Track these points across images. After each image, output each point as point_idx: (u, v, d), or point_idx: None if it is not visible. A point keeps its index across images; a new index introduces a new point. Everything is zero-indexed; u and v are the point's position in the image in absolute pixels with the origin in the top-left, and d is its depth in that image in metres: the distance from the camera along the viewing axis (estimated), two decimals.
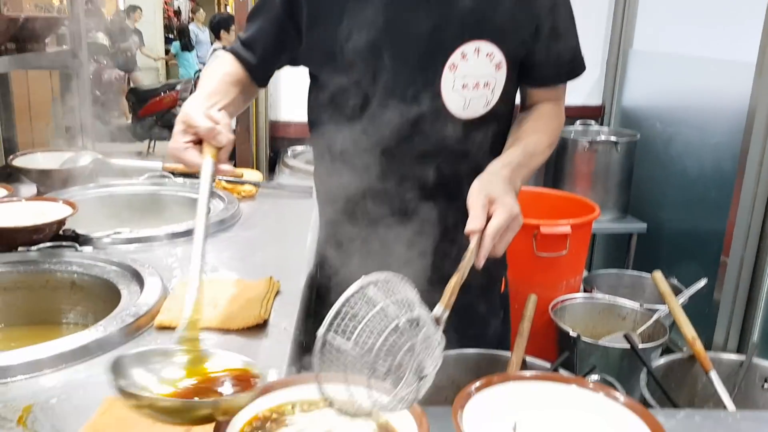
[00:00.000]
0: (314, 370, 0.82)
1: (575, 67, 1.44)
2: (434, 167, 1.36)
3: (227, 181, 2.24)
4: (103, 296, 1.48)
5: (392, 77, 1.30)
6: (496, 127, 1.37)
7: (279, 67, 1.52)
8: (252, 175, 2.43)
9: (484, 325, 1.49)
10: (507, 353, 1.40)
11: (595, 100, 3.91)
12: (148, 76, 11.97)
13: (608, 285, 3.07)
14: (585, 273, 3.07)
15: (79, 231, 1.68)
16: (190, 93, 7.72)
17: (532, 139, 1.34)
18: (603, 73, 3.87)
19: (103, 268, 1.52)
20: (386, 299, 0.81)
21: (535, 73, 1.39)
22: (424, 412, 0.86)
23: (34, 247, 1.55)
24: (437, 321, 0.94)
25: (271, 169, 3.13)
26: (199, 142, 1.17)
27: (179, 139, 1.17)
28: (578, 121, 3.72)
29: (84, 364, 1.16)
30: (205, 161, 1.14)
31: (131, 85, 10.27)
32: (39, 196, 1.95)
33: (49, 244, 1.58)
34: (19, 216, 1.67)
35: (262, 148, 3.13)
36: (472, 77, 1.29)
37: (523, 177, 1.29)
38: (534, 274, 2.54)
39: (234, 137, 1.19)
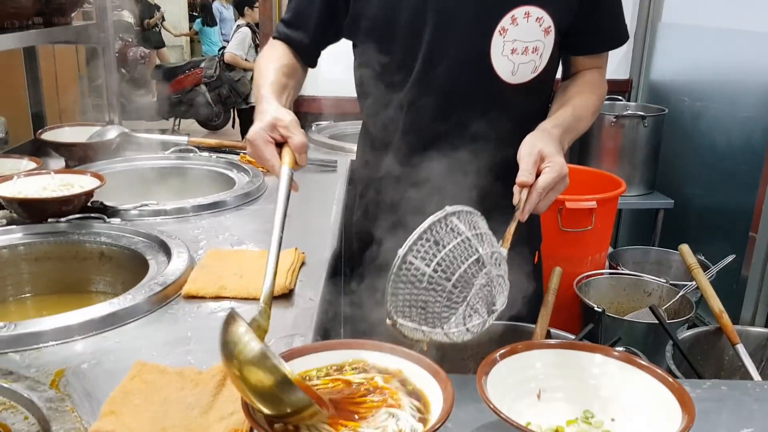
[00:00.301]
0: (386, 289, 0.83)
1: (619, 35, 1.44)
2: (481, 133, 1.34)
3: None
4: (130, 266, 1.50)
5: (442, 41, 1.30)
6: (541, 95, 1.38)
7: (329, 43, 1.51)
8: None
9: (519, 294, 1.49)
10: (531, 325, 1.40)
11: (622, 74, 3.85)
12: (173, 54, 11.99)
13: (633, 261, 3.05)
14: (610, 249, 3.05)
15: (107, 203, 1.70)
16: (215, 71, 7.71)
17: (579, 103, 1.34)
18: (631, 46, 3.80)
19: (131, 239, 1.54)
20: (468, 231, 0.82)
21: (580, 40, 1.40)
22: (449, 378, 0.86)
23: (63, 219, 1.58)
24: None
25: None
26: (279, 144, 1.17)
27: (266, 130, 1.16)
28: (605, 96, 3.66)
29: (113, 332, 1.18)
30: (284, 169, 1.14)
31: (157, 62, 10.31)
32: (67, 169, 1.97)
33: (77, 215, 1.60)
34: (48, 188, 1.70)
35: None
36: (521, 42, 1.28)
37: (570, 140, 1.30)
38: (559, 250, 2.53)
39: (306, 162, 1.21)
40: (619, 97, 3.72)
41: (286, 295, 1.32)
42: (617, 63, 3.85)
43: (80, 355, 1.09)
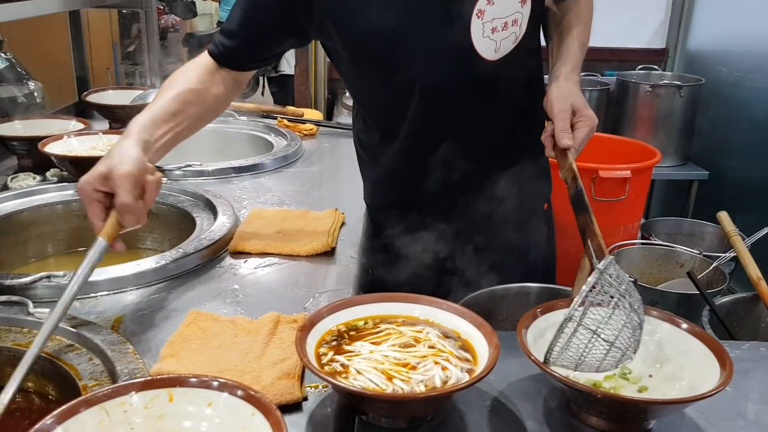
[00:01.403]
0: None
1: None
2: (472, 111, 1.33)
3: (289, 120, 2.28)
4: (177, 224, 1.55)
5: (418, 36, 1.24)
6: (527, 55, 1.33)
7: (277, 51, 1.38)
8: (312, 114, 2.46)
9: (531, 236, 1.50)
10: (567, 288, 1.42)
11: (658, 44, 3.79)
12: (202, 22, 11.99)
13: (666, 232, 3.03)
14: (643, 220, 3.04)
15: None
16: None
17: (581, 30, 1.32)
18: (668, 15, 3.74)
19: (177, 198, 1.59)
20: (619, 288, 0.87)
21: None
22: (494, 331, 0.90)
23: None
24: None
25: (329, 110, 3.16)
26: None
27: (95, 183, 1.04)
28: (640, 66, 3.62)
29: (164, 284, 1.23)
30: (96, 242, 1.02)
31: (188, 30, 10.33)
32: (112, 130, 2.03)
33: None
34: (96, 147, 1.75)
35: (320, 90, 3.16)
36: (499, 19, 1.22)
37: (580, 72, 1.30)
38: None
39: (146, 220, 1.10)
40: (655, 67, 3.67)
41: (328, 253, 1.36)
42: (653, 32, 3.79)
43: (136, 304, 1.15)
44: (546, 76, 1.37)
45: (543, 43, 1.42)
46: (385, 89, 1.32)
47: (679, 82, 3.23)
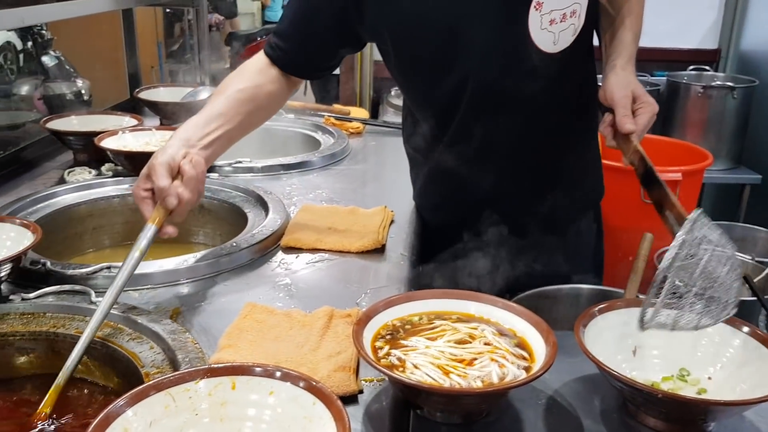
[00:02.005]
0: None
1: None
2: (526, 107, 1.32)
3: (336, 118, 2.30)
4: (229, 219, 1.58)
5: (475, 30, 1.23)
6: (583, 50, 1.33)
7: (336, 57, 1.41)
8: (359, 112, 2.48)
9: (582, 236, 1.51)
10: (620, 290, 1.40)
11: (710, 44, 3.71)
12: (244, 21, 12.15)
13: None
14: None
15: None
16: None
17: (632, 20, 1.31)
18: (720, 15, 3.65)
19: (229, 193, 1.62)
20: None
21: None
22: (550, 329, 0.89)
23: None
24: None
25: (374, 108, 3.17)
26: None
27: (141, 184, 1.13)
28: (691, 66, 3.55)
29: (220, 276, 1.25)
30: (146, 227, 1.10)
31: (230, 29, 10.48)
32: (165, 126, 2.07)
33: None
34: (150, 143, 1.79)
35: (365, 89, 3.17)
36: (558, 11, 1.21)
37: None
38: (640, 221, 2.47)
39: (192, 197, 1.14)
40: (707, 68, 3.59)
41: (379, 250, 1.37)
42: (706, 32, 3.71)
43: (193, 296, 1.17)
44: (599, 75, 1.36)
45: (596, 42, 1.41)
46: (437, 86, 1.32)
47: (731, 83, 3.16)
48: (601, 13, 1.38)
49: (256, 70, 1.34)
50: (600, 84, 1.29)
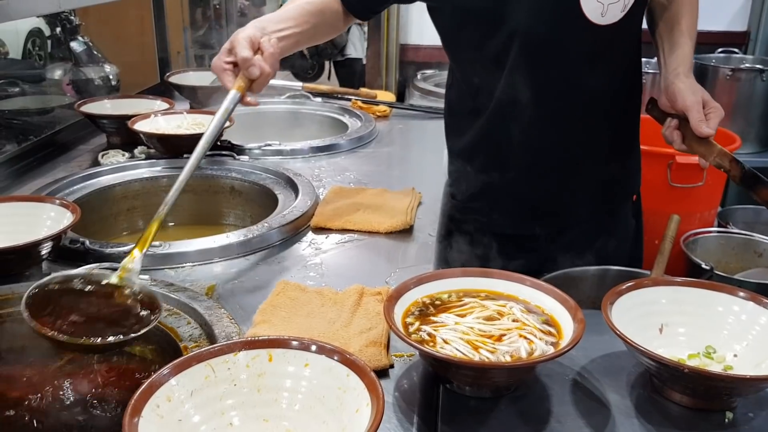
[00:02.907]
0: None
1: None
2: (569, 79, 1.33)
3: (363, 102, 2.32)
4: (259, 200, 1.61)
5: None
6: (631, 31, 1.34)
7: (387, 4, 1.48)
8: (385, 96, 2.49)
9: (618, 226, 1.51)
10: (646, 272, 1.41)
11: (739, 26, 3.65)
12: (270, 7, 12.20)
13: (744, 221, 2.94)
14: (719, 208, 2.96)
15: (233, 142, 1.81)
16: None
17: (689, 25, 1.33)
18: None
19: (259, 176, 1.65)
20: None
21: None
22: (578, 306, 0.91)
23: None
24: None
25: (400, 92, 3.18)
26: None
27: (222, 57, 1.20)
28: (719, 49, 3.50)
29: (252, 255, 1.29)
30: (230, 93, 1.17)
31: (255, 14, 10.51)
32: (195, 109, 2.10)
33: (210, 152, 1.71)
34: (182, 126, 1.83)
35: (392, 72, 3.18)
36: None
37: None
38: (667, 205, 2.48)
39: (271, 71, 1.21)
40: (735, 50, 3.53)
41: (407, 231, 1.39)
42: (734, 14, 3.66)
43: (227, 274, 1.21)
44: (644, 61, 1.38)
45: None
46: (485, 42, 1.33)
47: (760, 66, 3.12)
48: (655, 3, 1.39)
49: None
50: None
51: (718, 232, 2.62)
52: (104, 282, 0.98)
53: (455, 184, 1.53)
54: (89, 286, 0.97)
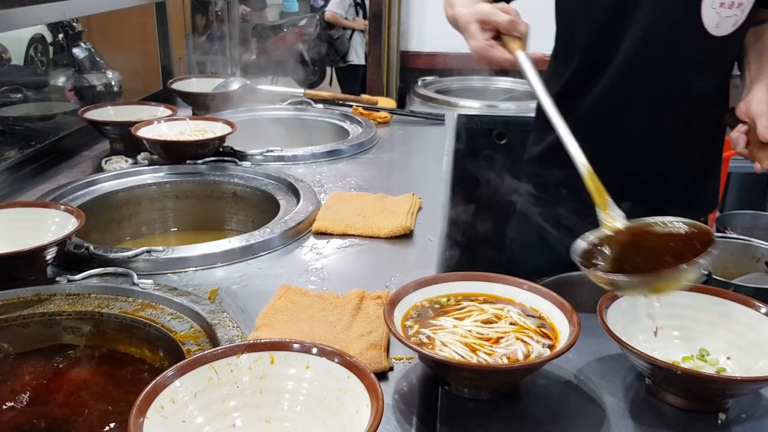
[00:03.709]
0: None
1: None
2: (684, 79, 1.39)
3: (364, 108, 2.34)
4: (261, 206, 1.63)
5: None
6: (736, 47, 1.41)
7: None
8: (386, 102, 2.51)
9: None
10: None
11: None
12: (271, 13, 12.22)
13: (742, 226, 2.96)
14: (717, 213, 2.97)
15: (236, 148, 1.83)
16: (315, 28, 7.77)
17: None
18: None
19: (261, 181, 1.67)
20: None
21: None
22: (574, 309, 0.93)
23: (199, 161, 1.72)
24: None
25: (401, 98, 3.20)
26: (497, 37, 1.21)
27: (480, 37, 1.21)
28: None
29: (254, 260, 1.30)
30: (519, 56, 1.16)
31: (257, 21, 10.54)
32: (198, 115, 2.12)
33: (212, 158, 1.74)
34: (185, 133, 1.85)
35: (392, 79, 3.21)
36: None
37: None
38: None
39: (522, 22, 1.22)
40: None
41: (407, 236, 1.41)
42: None
43: (229, 279, 1.22)
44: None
45: None
46: (603, 36, 1.40)
47: None
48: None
49: None
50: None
51: (717, 237, 2.64)
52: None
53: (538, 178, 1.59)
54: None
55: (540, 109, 1.53)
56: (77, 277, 1.17)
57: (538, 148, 1.61)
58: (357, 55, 6.54)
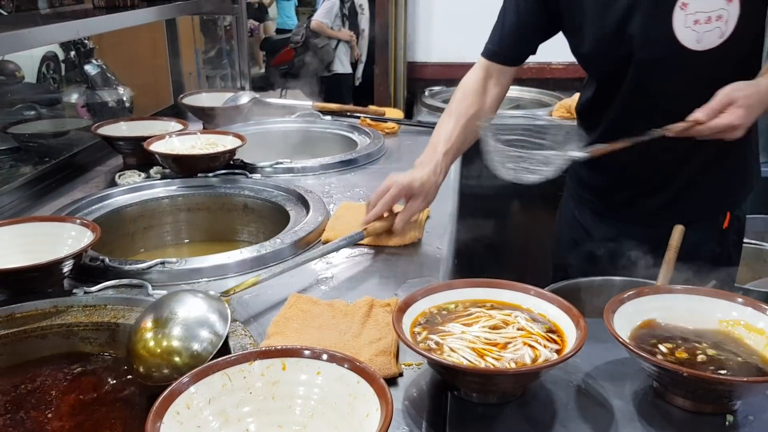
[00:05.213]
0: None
1: None
2: (677, 99, 1.39)
3: (372, 119, 2.36)
4: (272, 217, 1.66)
5: (636, 20, 1.39)
6: (737, 56, 1.41)
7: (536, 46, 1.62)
8: (393, 113, 2.54)
9: (700, 257, 1.48)
10: (651, 282, 1.43)
11: None
12: (275, 25, 12.28)
13: (755, 230, 2.95)
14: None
15: (246, 161, 1.86)
16: (301, 37, 7.69)
17: None
18: None
19: (271, 193, 1.69)
20: None
21: None
22: (581, 314, 0.94)
23: (210, 174, 1.75)
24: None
25: (408, 108, 3.23)
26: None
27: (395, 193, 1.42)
28: None
29: (264, 270, 1.31)
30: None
31: (265, 34, 10.62)
32: (209, 129, 2.15)
33: (222, 171, 1.77)
34: (196, 146, 1.88)
35: (399, 89, 3.24)
36: (702, 13, 1.34)
37: None
38: None
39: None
40: None
41: (415, 245, 1.42)
42: None
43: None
44: None
45: None
46: (606, 63, 1.50)
47: None
48: None
49: (479, 83, 1.59)
50: None
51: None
52: None
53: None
54: None
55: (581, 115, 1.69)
56: (93, 288, 1.19)
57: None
58: (342, 65, 6.57)
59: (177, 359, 0.97)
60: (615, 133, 1.43)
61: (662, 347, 0.95)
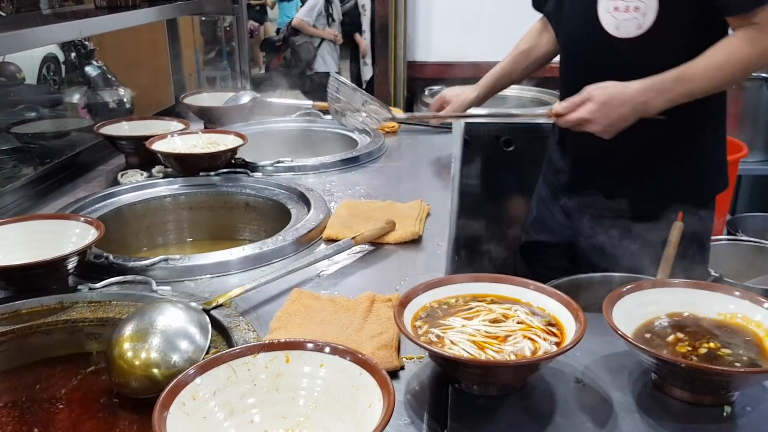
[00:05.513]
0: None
1: None
2: (614, 77, 1.46)
3: None
4: (273, 215, 1.67)
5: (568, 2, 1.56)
6: (660, 53, 1.45)
7: None
8: (394, 112, 2.55)
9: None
10: (650, 278, 1.45)
11: None
12: (274, 26, 12.29)
13: (754, 229, 2.97)
14: (728, 216, 2.99)
15: (247, 160, 1.87)
16: (282, 35, 7.64)
17: (691, 65, 1.40)
18: None
19: (273, 191, 1.70)
20: None
21: (716, 3, 1.42)
22: (580, 307, 0.95)
23: (212, 173, 1.76)
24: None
25: (408, 107, 3.24)
26: None
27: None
28: None
29: (267, 267, 1.33)
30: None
31: (264, 35, 10.63)
32: (210, 129, 2.16)
33: (224, 170, 1.78)
34: (197, 145, 1.89)
35: (399, 88, 3.25)
36: (622, 2, 1.44)
37: (667, 99, 1.41)
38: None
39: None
40: None
41: (416, 241, 1.43)
42: None
43: (242, 285, 1.25)
44: None
45: None
46: (560, 40, 1.69)
47: (766, 75, 3.15)
48: None
49: (535, 34, 1.82)
50: None
51: (728, 239, 2.65)
52: None
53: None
54: None
55: None
56: (98, 285, 1.20)
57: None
58: (325, 63, 6.56)
59: (155, 371, 0.96)
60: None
61: (661, 340, 0.96)
